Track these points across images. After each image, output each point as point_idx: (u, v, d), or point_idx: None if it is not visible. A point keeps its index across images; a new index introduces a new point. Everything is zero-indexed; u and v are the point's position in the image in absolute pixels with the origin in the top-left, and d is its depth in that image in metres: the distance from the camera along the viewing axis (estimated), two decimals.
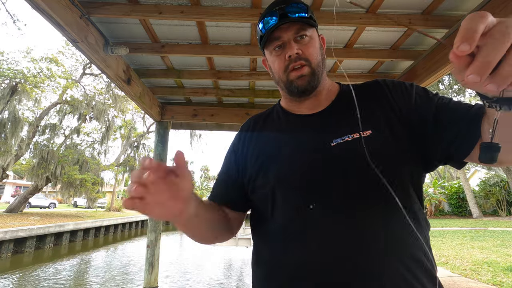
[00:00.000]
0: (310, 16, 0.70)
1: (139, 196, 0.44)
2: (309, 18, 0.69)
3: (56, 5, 1.78)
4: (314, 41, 0.71)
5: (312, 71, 0.70)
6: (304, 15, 0.69)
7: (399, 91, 0.68)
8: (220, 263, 10.23)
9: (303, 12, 0.69)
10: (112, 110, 16.69)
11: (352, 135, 0.64)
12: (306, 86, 0.70)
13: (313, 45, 0.70)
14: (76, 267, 9.25)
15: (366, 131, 0.63)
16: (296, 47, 0.69)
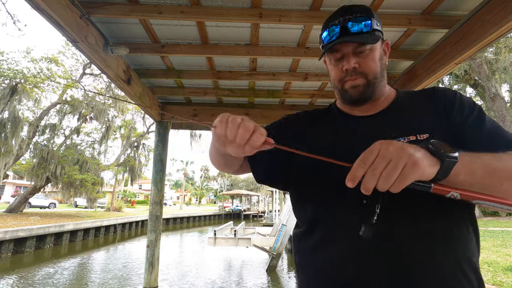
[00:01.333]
0: (373, 29, 0.69)
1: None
2: (371, 32, 0.69)
3: (56, 5, 1.78)
4: (374, 53, 0.71)
5: (367, 82, 0.71)
6: (367, 29, 0.69)
7: (453, 102, 0.69)
8: (220, 263, 10.23)
9: (366, 27, 0.69)
10: (112, 110, 16.68)
11: (409, 137, 0.64)
12: (359, 97, 0.72)
13: (372, 58, 0.71)
14: (76, 267, 9.24)
15: (423, 134, 0.64)
16: (353, 61, 0.70)
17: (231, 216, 32.55)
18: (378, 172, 0.47)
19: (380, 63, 0.72)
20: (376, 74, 0.71)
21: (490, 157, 0.54)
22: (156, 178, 3.85)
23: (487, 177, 0.52)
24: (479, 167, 0.52)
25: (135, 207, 31.71)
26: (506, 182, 0.52)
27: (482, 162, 0.53)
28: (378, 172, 0.47)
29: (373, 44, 0.70)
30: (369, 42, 0.69)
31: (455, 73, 15.05)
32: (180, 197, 46.69)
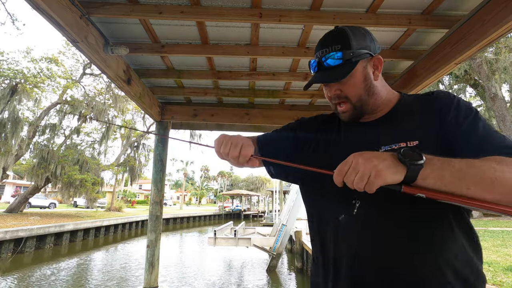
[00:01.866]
0: (346, 60, 0.74)
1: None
2: (343, 65, 0.74)
3: (56, 5, 1.78)
4: (354, 78, 0.76)
5: (353, 106, 0.78)
6: (339, 62, 0.74)
7: (449, 106, 0.73)
8: (220, 263, 10.23)
9: (338, 61, 0.74)
10: (112, 110, 16.68)
11: (399, 143, 0.71)
12: (349, 119, 0.81)
13: (352, 83, 0.76)
14: (76, 267, 9.24)
15: (413, 141, 0.70)
16: (334, 88, 0.78)
17: (231, 216, 32.56)
18: (350, 180, 0.59)
19: (364, 85, 0.76)
20: (360, 96, 0.77)
21: (464, 163, 0.59)
22: (156, 178, 3.85)
23: (456, 181, 0.57)
24: (448, 172, 0.58)
25: (135, 207, 31.71)
26: (473, 187, 0.57)
27: (453, 168, 0.58)
28: (350, 181, 0.59)
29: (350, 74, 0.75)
30: (335, 81, 0.76)
31: (455, 73, 15.04)
32: (180, 197, 46.69)
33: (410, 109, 0.77)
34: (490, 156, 0.61)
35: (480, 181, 0.57)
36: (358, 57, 0.75)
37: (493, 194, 0.57)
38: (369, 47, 0.77)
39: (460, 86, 16.73)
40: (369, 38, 0.78)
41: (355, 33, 0.76)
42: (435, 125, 0.71)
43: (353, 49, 0.74)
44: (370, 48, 0.77)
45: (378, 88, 0.79)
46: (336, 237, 0.75)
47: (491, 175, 0.56)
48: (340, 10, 2.20)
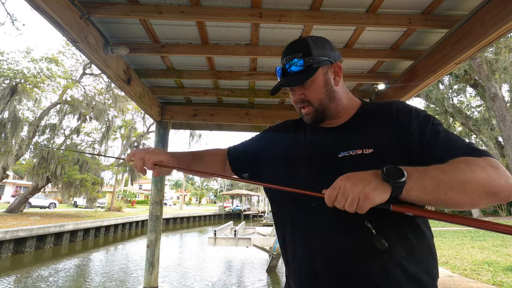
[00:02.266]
0: (307, 66, 0.80)
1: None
2: (304, 71, 0.80)
3: (56, 5, 1.78)
4: (316, 84, 0.82)
5: (315, 109, 0.83)
6: (300, 69, 0.81)
7: (406, 117, 0.77)
8: (220, 263, 10.23)
9: (299, 67, 0.81)
10: (112, 110, 16.68)
11: (356, 150, 0.75)
12: (311, 122, 0.86)
13: (314, 88, 0.82)
14: (76, 267, 9.25)
15: (368, 149, 0.74)
16: (298, 93, 0.84)
17: (231, 216, 32.55)
18: (341, 205, 0.62)
19: (325, 89, 0.82)
20: (321, 100, 0.82)
21: (436, 170, 0.62)
22: (156, 178, 3.85)
23: (435, 189, 0.61)
24: (428, 182, 0.61)
25: (135, 207, 31.71)
26: (449, 192, 0.60)
27: (430, 177, 0.61)
28: (341, 205, 0.62)
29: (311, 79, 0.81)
30: (297, 85, 0.82)
31: (455, 73, 15.04)
32: (180, 197, 46.67)
33: (369, 117, 0.82)
34: (456, 159, 0.64)
35: (454, 185, 0.60)
36: (319, 63, 0.80)
37: (468, 194, 0.61)
38: (329, 55, 0.82)
39: (460, 86, 16.73)
40: (329, 47, 0.84)
41: (316, 42, 0.83)
42: (392, 134, 0.75)
43: (313, 56, 0.80)
44: (330, 56, 0.83)
45: (339, 94, 0.84)
46: (294, 238, 0.79)
47: (462, 177, 0.60)
48: (340, 10, 2.20)
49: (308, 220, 0.76)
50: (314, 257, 0.74)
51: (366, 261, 0.69)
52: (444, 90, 16.34)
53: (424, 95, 16.13)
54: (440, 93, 15.86)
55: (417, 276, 0.69)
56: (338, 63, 0.84)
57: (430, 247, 0.73)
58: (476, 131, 15.42)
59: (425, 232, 0.74)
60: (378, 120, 0.80)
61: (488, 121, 15.16)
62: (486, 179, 0.61)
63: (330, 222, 0.73)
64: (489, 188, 0.61)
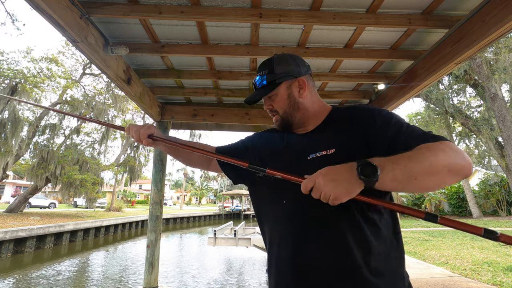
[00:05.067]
0: (270, 82, 0.94)
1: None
2: (267, 86, 0.95)
3: (56, 5, 1.78)
4: (279, 96, 0.95)
5: (280, 117, 0.97)
6: (263, 84, 0.95)
7: (368, 114, 0.86)
8: (220, 263, 10.23)
9: (263, 82, 0.95)
10: (112, 110, 16.67)
11: (321, 152, 0.85)
12: (281, 128, 1.00)
13: (278, 100, 0.95)
14: (76, 267, 9.24)
15: (330, 149, 0.84)
16: (267, 103, 0.99)
17: (231, 216, 32.55)
18: (316, 196, 0.71)
19: (288, 101, 0.94)
20: (285, 110, 0.95)
21: (405, 159, 0.69)
22: (156, 178, 3.85)
23: (406, 177, 0.68)
24: (398, 171, 0.68)
25: (135, 207, 31.71)
26: (419, 176, 0.68)
27: (400, 166, 0.68)
28: (316, 197, 0.71)
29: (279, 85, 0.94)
30: (259, 97, 0.96)
31: (455, 73, 15.04)
32: (180, 197, 46.66)
33: (336, 121, 0.93)
34: (418, 146, 0.72)
35: (422, 170, 0.67)
36: (281, 79, 0.94)
37: (435, 176, 0.68)
38: (292, 71, 0.94)
39: (460, 86, 16.73)
40: (294, 64, 0.96)
41: (280, 61, 0.96)
42: (356, 134, 0.84)
43: (275, 73, 0.94)
44: (294, 72, 0.94)
45: (304, 104, 0.95)
46: (270, 231, 0.91)
47: (427, 162, 0.67)
48: (340, 10, 2.20)
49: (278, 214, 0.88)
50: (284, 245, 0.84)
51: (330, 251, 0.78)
52: (444, 90, 16.33)
53: (424, 95, 16.13)
54: (440, 93, 15.85)
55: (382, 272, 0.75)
56: (302, 78, 0.95)
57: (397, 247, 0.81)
58: (476, 131, 15.41)
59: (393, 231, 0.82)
60: (342, 123, 0.90)
61: (488, 121, 15.15)
62: (448, 159, 0.68)
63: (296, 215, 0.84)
64: (452, 167, 0.68)
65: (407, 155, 0.70)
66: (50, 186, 16.85)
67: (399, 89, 2.97)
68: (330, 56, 2.71)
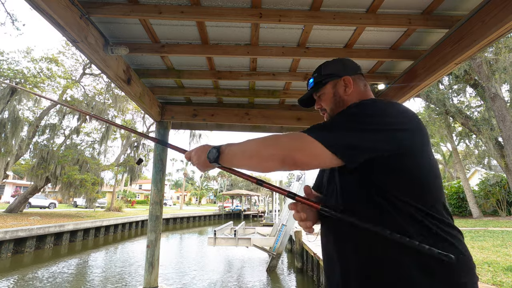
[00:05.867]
0: (317, 83, 1.07)
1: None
2: (314, 87, 1.08)
3: (56, 5, 1.78)
4: (326, 96, 1.05)
5: (329, 115, 1.06)
6: (311, 85, 1.09)
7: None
8: (220, 263, 10.23)
9: (311, 84, 1.09)
10: (112, 110, 16.67)
11: None
12: None
13: (325, 99, 1.06)
14: (76, 267, 9.24)
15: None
16: (317, 103, 1.10)
17: (231, 216, 32.55)
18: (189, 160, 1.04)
19: (333, 99, 1.03)
20: (331, 107, 1.04)
21: (239, 145, 0.87)
22: (156, 178, 3.85)
23: (232, 158, 0.87)
24: (227, 155, 0.88)
25: (135, 207, 31.70)
26: (245, 161, 0.85)
27: (230, 150, 0.88)
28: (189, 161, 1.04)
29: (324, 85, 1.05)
30: (305, 97, 1.12)
31: (455, 73, 15.04)
32: (180, 197, 46.65)
33: None
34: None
35: (239, 154, 0.86)
36: (326, 79, 1.04)
37: (248, 160, 0.84)
38: (337, 71, 1.04)
39: (460, 86, 16.73)
40: (340, 65, 1.06)
41: (328, 63, 1.08)
42: None
43: (322, 75, 1.05)
44: (339, 72, 1.04)
45: (349, 102, 0.99)
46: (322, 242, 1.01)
47: (244, 148, 0.86)
48: (340, 10, 2.20)
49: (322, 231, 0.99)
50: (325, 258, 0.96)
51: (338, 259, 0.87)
52: (444, 90, 16.33)
53: (424, 95, 16.13)
54: (440, 93, 15.85)
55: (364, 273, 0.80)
56: (346, 77, 1.02)
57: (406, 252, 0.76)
58: (476, 131, 15.41)
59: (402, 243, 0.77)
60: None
61: (488, 121, 15.15)
62: (257, 147, 0.83)
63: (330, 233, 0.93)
64: (261, 157, 0.81)
65: (243, 143, 0.87)
66: (50, 186, 16.84)
67: (399, 89, 2.97)
68: (330, 56, 2.71)
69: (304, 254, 8.87)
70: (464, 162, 22.15)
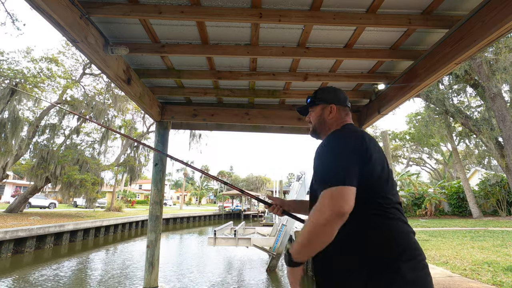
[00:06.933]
0: (311, 101, 1.35)
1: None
2: (308, 104, 1.37)
3: (56, 5, 1.78)
4: (315, 113, 1.33)
5: (312, 127, 1.35)
6: (307, 103, 1.37)
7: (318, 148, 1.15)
8: (220, 263, 10.23)
9: (307, 102, 1.37)
10: (112, 110, 16.66)
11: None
12: (310, 134, 1.39)
13: (313, 115, 1.34)
14: (76, 267, 9.24)
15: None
16: (308, 116, 1.38)
17: (231, 216, 32.55)
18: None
19: (319, 118, 1.31)
20: (315, 123, 1.33)
21: (298, 237, 0.97)
22: (156, 178, 3.85)
23: (301, 251, 0.98)
24: (296, 250, 0.99)
25: (135, 207, 31.70)
26: (312, 246, 0.96)
27: (297, 246, 0.99)
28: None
29: (316, 106, 1.34)
30: (300, 110, 1.42)
31: (455, 73, 15.04)
32: (180, 197, 46.65)
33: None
34: (311, 211, 0.97)
35: (308, 244, 0.95)
36: (318, 101, 1.32)
37: (312, 244, 0.95)
38: (327, 99, 1.30)
39: (460, 86, 16.72)
40: (332, 93, 1.32)
41: (324, 90, 1.34)
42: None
43: (316, 98, 1.33)
44: (328, 100, 1.30)
45: (329, 124, 1.28)
46: None
47: (305, 234, 0.95)
48: (340, 10, 2.20)
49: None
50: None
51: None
52: (444, 90, 16.32)
53: (424, 95, 16.12)
54: (440, 93, 15.85)
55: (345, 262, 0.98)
56: (332, 105, 1.28)
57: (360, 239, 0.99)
58: (476, 131, 15.41)
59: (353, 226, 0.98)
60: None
61: (488, 121, 15.15)
62: (311, 227, 0.93)
63: None
64: (317, 233, 0.92)
65: (302, 233, 0.97)
66: (50, 186, 16.84)
67: (399, 89, 2.97)
68: (330, 56, 2.72)
69: None
70: (464, 162, 22.15)
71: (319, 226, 0.90)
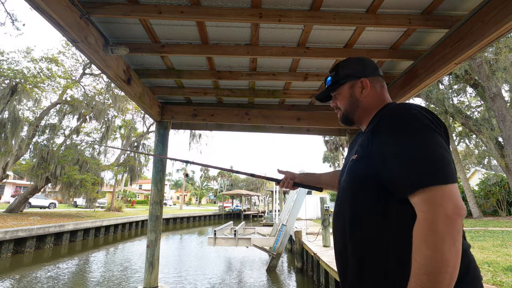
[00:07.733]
0: (334, 82, 1.06)
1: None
2: (330, 86, 1.07)
3: (56, 5, 1.78)
4: (342, 95, 1.05)
5: (342, 114, 1.07)
6: (329, 84, 1.08)
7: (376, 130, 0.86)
8: (220, 263, 10.23)
9: (328, 83, 1.08)
10: (112, 110, 16.66)
11: (353, 156, 0.94)
12: (342, 123, 1.11)
13: (340, 98, 1.06)
14: (76, 267, 9.24)
15: (355, 155, 0.93)
16: (333, 101, 1.10)
17: (231, 216, 32.55)
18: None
19: (350, 100, 1.03)
20: (346, 108, 1.05)
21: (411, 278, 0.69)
22: (156, 178, 3.85)
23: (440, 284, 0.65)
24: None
25: (135, 207, 31.70)
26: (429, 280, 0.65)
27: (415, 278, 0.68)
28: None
29: (341, 86, 1.05)
30: (320, 97, 1.14)
31: (455, 73, 15.04)
32: (180, 197, 46.66)
33: (372, 122, 0.93)
34: (414, 249, 0.69)
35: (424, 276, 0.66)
36: (344, 80, 1.03)
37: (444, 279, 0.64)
38: (356, 72, 1.02)
39: (460, 86, 16.72)
40: (359, 66, 1.04)
41: (346, 63, 1.06)
42: (368, 144, 0.86)
43: (339, 74, 1.04)
44: (357, 73, 1.02)
45: (364, 103, 1.01)
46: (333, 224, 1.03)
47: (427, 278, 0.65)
48: (340, 10, 2.20)
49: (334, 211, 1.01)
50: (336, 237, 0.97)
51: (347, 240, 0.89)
52: (444, 90, 16.33)
53: (424, 95, 16.12)
54: (440, 93, 15.85)
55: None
56: (363, 79, 1.01)
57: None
58: (476, 131, 15.41)
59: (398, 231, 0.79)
60: (372, 126, 0.89)
61: (488, 121, 15.15)
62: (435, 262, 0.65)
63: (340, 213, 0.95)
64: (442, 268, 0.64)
65: (412, 275, 0.69)
66: (50, 186, 16.84)
67: (399, 89, 2.97)
68: (330, 56, 2.72)
69: (304, 254, 8.87)
70: (464, 162, 22.15)
71: (448, 246, 0.64)
